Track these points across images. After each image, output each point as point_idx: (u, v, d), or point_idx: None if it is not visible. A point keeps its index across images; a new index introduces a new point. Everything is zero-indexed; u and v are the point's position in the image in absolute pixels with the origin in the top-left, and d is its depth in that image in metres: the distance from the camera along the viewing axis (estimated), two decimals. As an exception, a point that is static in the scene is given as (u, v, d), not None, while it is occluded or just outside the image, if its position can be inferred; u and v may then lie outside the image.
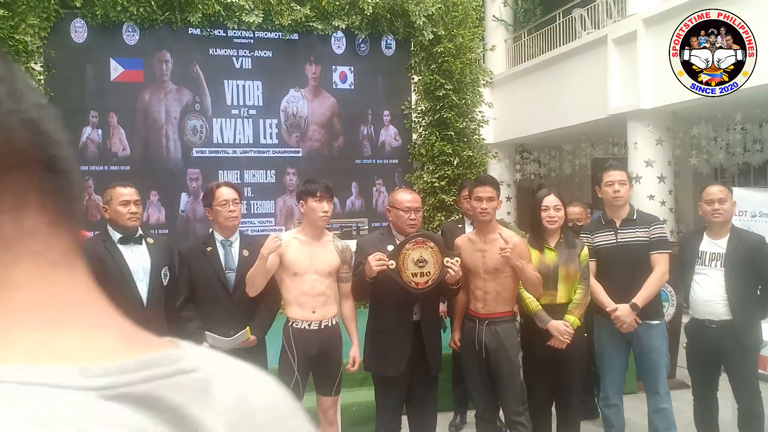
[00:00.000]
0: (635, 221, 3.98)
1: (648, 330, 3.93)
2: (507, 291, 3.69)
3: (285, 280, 3.58)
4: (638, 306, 3.83)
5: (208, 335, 3.45)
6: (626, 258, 3.90)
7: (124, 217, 3.47)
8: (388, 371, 3.63)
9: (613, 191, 3.96)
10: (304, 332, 3.54)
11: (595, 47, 10.32)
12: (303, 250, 3.57)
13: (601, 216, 4.14)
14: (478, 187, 3.77)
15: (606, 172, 4.05)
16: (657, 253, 3.90)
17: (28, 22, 6.58)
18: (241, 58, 7.50)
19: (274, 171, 7.56)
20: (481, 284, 3.71)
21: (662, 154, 9.58)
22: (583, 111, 10.61)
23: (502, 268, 3.63)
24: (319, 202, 3.55)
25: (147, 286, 3.49)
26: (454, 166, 7.68)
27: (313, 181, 3.66)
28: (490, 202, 3.68)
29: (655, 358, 3.94)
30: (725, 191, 3.97)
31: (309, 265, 3.56)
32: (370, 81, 7.94)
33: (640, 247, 3.91)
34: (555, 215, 3.77)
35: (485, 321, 3.69)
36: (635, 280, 3.87)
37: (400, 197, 3.75)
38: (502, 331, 3.66)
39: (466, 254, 3.74)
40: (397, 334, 3.63)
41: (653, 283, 3.88)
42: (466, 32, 7.83)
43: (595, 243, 3.98)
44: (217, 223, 3.66)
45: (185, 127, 7.36)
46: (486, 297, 3.69)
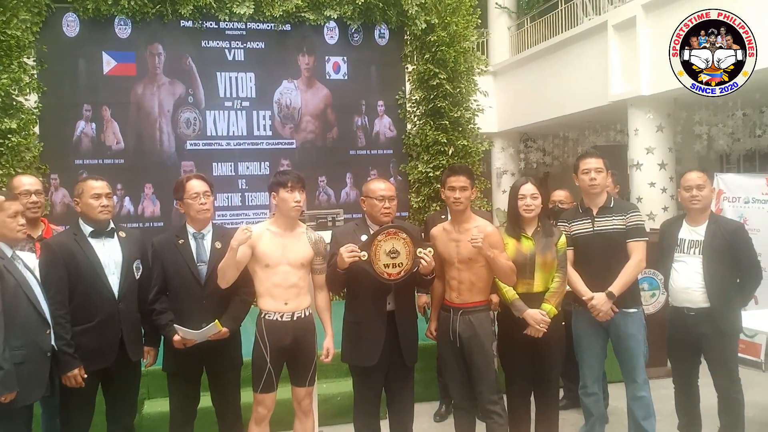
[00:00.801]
0: (612, 209, 3.95)
1: (625, 318, 3.91)
2: (481, 281, 3.69)
3: (257, 271, 3.58)
4: (614, 294, 3.82)
5: (178, 328, 3.45)
6: (603, 246, 3.89)
7: (95, 210, 3.48)
8: (364, 361, 3.66)
9: (590, 179, 3.94)
10: (276, 324, 3.55)
11: (596, 33, 10.22)
12: (275, 241, 3.58)
13: (579, 204, 4.11)
14: (452, 176, 3.77)
15: (582, 160, 4.02)
16: (633, 241, 3.88)
17: (19, 17, 6.59)
18: (233, 50, 7.49)
19: (268, 163, 7.56)
20: (456, 274, 3.70)
21: (663, 141, 9.48)
22: (584, 98, 10.53)
23: (475, 257, 3.62)
24: (290, 193, 3.54)
25: (119, 280, 3.51)
26: (449, 156, 7.63)
27: (284, 173, 3.65)
28: (462, 192, 3.68)
29: (632, 346, 3.91)
30: (703, 177, 3.93)
31: (281, 256, 3.56)
32: (363, 71, 7.90)
33: (617, 234, 3.89)
34: (531, 203, 3.75)
35: (459, 311, 3.69)
36: (612, 268, 3.86)
37: (373, 186, 3.76)
38: (476, 321, 3.66)
39: (441, 244, 3.74)
40: (372, 324, 3.64)
41: (629, 272, 3.85)
42: (460, 20, 7.74)
43: (572, 231, 3.97)
44: (188, 216, 3.67)
45: (179, 119, 7.38)
46: (460, 287, 3.69)
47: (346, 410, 4.72)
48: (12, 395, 3.01)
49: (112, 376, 3.54)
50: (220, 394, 3.71)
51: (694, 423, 4.14)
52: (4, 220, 3.19)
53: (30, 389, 3.13)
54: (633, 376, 3.94)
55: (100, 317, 3.43)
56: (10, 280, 3.11)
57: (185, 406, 3.65)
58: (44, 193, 4.47)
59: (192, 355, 3.52)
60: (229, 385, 3.70)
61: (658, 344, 4.73)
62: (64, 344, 3.31)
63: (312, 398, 3.83)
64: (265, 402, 3.59)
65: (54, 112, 6.99)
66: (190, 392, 3.66)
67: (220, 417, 3.73)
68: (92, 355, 3.40)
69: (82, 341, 3.38)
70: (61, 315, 3.32)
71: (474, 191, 3.76)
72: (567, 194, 5.18)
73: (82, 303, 3.40)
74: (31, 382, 3.12)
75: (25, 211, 3.65)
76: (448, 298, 3.75)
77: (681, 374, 4.11)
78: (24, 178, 4.05)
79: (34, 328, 3.18)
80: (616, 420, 4.68)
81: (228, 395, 3.70)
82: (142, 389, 4.42)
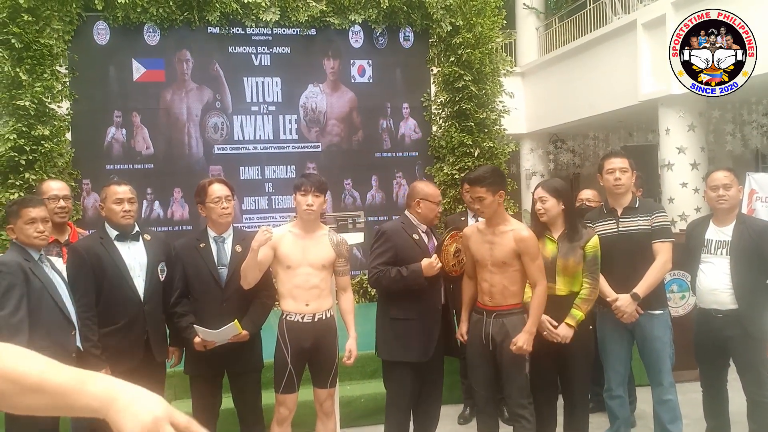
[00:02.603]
0: (637, 209, 3.89)
1: (650, 320, 3.85)
2: (514, 284, 3.61)
3: (279, 273, 3.62)
4: (639, 296, 3.76)
5: (198, 329, 3.50)
6: (628, 247, 3.83)
7: (117, 215, 3.54)
8: (419, 356, 3.70)
9: (614, 179, 3.88)
10: (297, 325, 3.58)
11: (625, 32, 10.09)
12: (296, 243, 3.60)
13: (603, 204, 4.07)
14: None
15: (607, 160, 3.96)
16: (659, 242, 3.81)
17: (52, 26, 6.75)
18: (259, 55, 7.56)
19: (294, 166, 7.61)
20: (488, 276, 3.64)
21: (695, 140, 9.32)
22: (614, 98, 10.40)
23: (510, 261, 3.56)
24: (303, 196, 3.57)
25: (144, 282, 3.56)
26: (475, 158, 7.59)
27: (303, 176, 3.70)
28: (480, 201, 3.60)
29: (658, 348, 3.87)
30: (730, 177, 3.85)
31: (302, 258, 3.59)
32: (388, 74, 7.91)
33: (642, 235, 3.83)
34: (541, 207, 3.73)
35: (492, 313, 3.64)
36: (637, 269, 3.80)
37: (432, 191, 3.90)
38: (510, 324, 3.59)
39: (474, 244, 3.71)
40: (426, 319, 3.74)
41: (655, 273, 3.79)
42: (486, 21, 7.70)
43: (596, 232, 3.89)
44: (210, 220, 3.71)
45: (206, 124, 7.47)
46: (492, 290, 3.63)
47: (370, 412, 4.75)
48: None
49: (137, 377, 3.57)
50: (241, 396, 3.74)
51: (723, 427, 4.04)
52: (21, 226, 3.26)
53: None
54: (659, 379, 3.89)
55: (126, 319, 3.49)
56: (36, 282, 3.18)
57: (207, 408, 3.69)
58: (73, 198, 4.55)
59: (213, 358, 3.56)
60: (250, 388, 3.73)
61: (687, 347, 4.63)
62: (92, 346, 3.37)
63: (334, 400, 3.85)
64: (287, 403, 3.61)
65: (85, 119, 7.14)
66: (212, 394, 3.71)
67: (241, 419, 3.77)
68: (118, 356, 3.46)
69: (109, 342, 3.44)
70: (88, 317, 3.39)
71: (499, 196, 3.59)
72: (595, 193, 5.14)
73: (108, 305, 3.47)
74: (56, 383, 3.19)
75: (53, 216, 3.75)
76: (481, 300, 3.71)
77: (709, 377, 4.02)
78: (52, 183, 4.12)
79: (59, 329, 3.25)
80: (643, 424, 4.61)
81: (249, 397, 3.73)
82: (169, 390, 4.48)
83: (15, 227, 3.28)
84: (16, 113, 6.47)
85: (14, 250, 3.28)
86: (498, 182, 3.61)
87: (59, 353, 3.23)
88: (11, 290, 3.08)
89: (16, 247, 3.29)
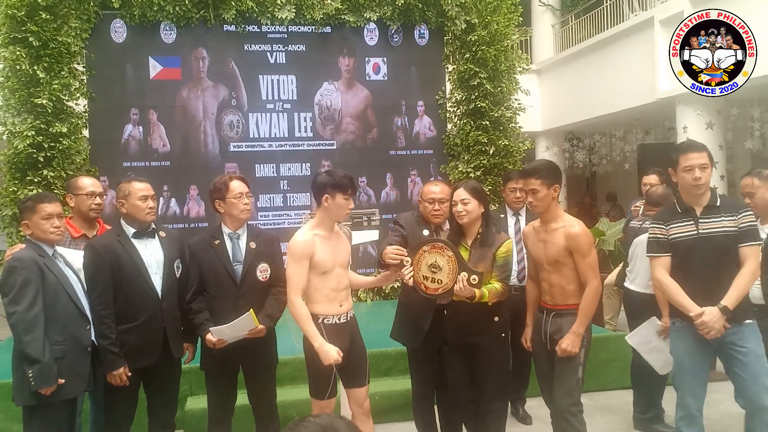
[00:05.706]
0: (719, 208, 3.39)
1: (739, 331, 3.36)
2: (571, 283, 3.51)
3: (312, 279, 3.44)
4: (729, 309, 3.26)
5: (214, 329, 3.49)
6: (710, 252, 3.34)
7: (143, 212, 3.56)
8: (402, 340, 4.00)
9: (693, 178, 3.36)
10: (336, 327, 3.48)
11: (642, 29, 10.00)
12: (326, 246, 3.48)
13: (676, 203, 3.54)
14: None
15: (683, 155, 3.41)
16: (747, 246, 3.32)
17: (70, 25, 6.81)
18: (275, 53, 7.58)
19: (309, 164, 7.62)
20: (546, 276, 3.60)
21: (713, 139, 9.21)
22: (631, 95, 10.32)
23: (563, 260, 3.48)
24: (347, 200, 3.47)
25: (161, 279, 3.59)
26: (490, 156, 7.57)
27: (344, 177, 3.50)
28: (534, 194, 3.50)
29: (752, 362, 3.34)
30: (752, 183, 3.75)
31: (333, 261, 3.51)
32: (403, 71, 7.89)
33: (727, 238, 3.33)
34: (463, 209, 3.52)
35: (552, 312, 3.59)
36: (720, 277, 3.32)
37: (426, 188, 3.95)
38: (567, 324, 3.49)
39: (531, 244, 3.70)
40: (417, 308, 3.82)
41: (744, 282, 3.29)
42: (501, 19, 7.67)
43: (670, 235, 3.45)
44: (229, 216, 3.71)
45: (222, 122, 7.50)
46: (551, 289, 3.57)
47: (383, 410, 4.75)
48: (52, 388, 3.12)
49: (154, 373, 3.62)
50: (256, 393, 3.76)
51: None
52: (37, 222, 3.29)
53: (71, 383, 3.23)
54: (758, 401, 3.33)
55: (144, 316, 3.51)
56: (51, 277, 3.22)
57: (223, 403, 3.71)
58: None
59: (228, 354, 3.56)
60: (266, 384, 3.75)
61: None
62: (110, 343, 3.39)
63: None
64: (330, 407, 3.52)
65: (102, 116, 7.20)
66: (227, 390, 3.72)
67: (256, 415, 3.78)
68: (136, 354, 3.49)
69: (127, 340, 3.47)
70: (106, 315, 3.41)
71: (554, 190, 3.48)
72: (656, 177, 5.13)
73: (126, 302, 3.49)
74: (71, 377, 3.23)
75: (88, 212, 3.89)
76: (543, 299, 3.68)
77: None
78: (86, 180, 4.05)
79: (74, 323, 3.29)
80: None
81: (264, 393, 3.74)
82: (185, 386, 4.52)
83: (30, 223, 3.31)
84: (34, 111, 6.53)
85: (29, 246, 3.32)
86: (553, 176, 3.50)
87: (75, 347, 3.27)
88: (27, 285, 3.13)
89: (31, 243, 3.33)
